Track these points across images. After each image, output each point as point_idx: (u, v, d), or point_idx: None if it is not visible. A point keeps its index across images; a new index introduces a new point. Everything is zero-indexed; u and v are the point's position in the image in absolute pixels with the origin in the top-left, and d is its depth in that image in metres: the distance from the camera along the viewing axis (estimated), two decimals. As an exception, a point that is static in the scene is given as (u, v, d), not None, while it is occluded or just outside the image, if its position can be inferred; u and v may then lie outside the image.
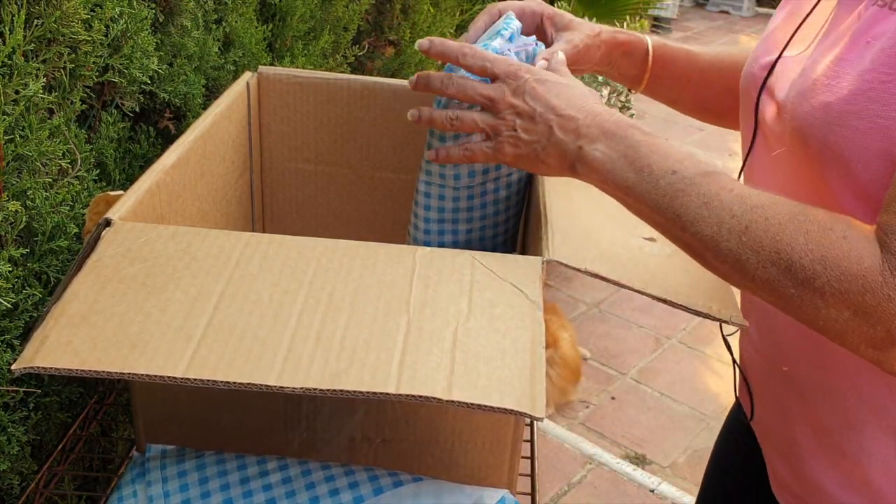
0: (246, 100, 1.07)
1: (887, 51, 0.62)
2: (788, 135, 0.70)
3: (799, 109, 0.68)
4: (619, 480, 2.29)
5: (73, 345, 0.61)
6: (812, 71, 0.68)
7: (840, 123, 0.64)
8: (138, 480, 0.76)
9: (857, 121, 0.63)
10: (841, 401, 0.75)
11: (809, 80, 0.67)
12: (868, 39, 0.64)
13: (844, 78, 0.64)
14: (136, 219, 0.74)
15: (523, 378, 0.61)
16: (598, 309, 3.00)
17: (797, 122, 0.68)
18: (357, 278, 0.68)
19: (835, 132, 0.64)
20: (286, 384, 0.59)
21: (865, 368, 0.71)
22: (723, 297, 0.74)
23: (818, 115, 0.65)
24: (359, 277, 0.68)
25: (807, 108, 0.67)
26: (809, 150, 0.67)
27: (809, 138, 0.66)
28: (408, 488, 0.74)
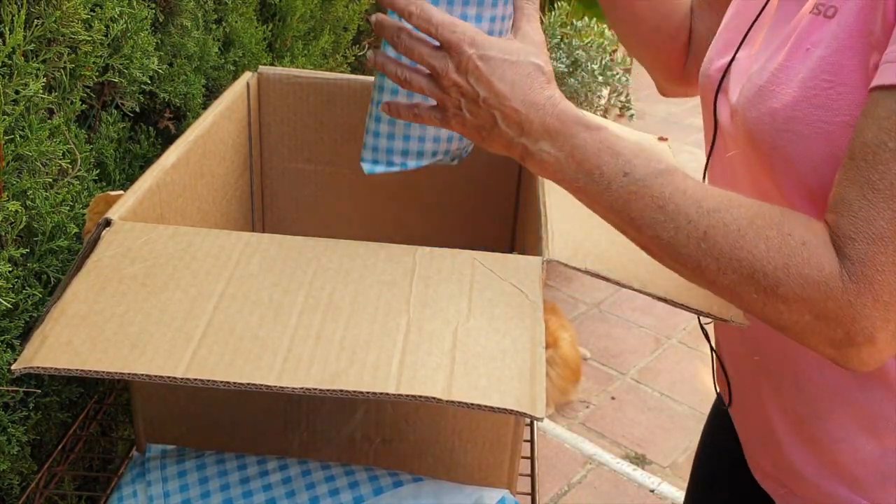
0: (246, 100, 1.07)
1: (826, 58, 0.63)
2: (741, 138, 0.71)
3: (748, 114, 0.69)
4: (619, 480, 2.28)
5: (73, 345, 0.61)
6: (758, 77, 0.69)
7: (787, 129, 0.65)
8: (138, 480, 0.76)
9: (802, 126, 0.64)
10: (810, 391, 0.77)
11: (756, 86, 0.69)
12: (807, 47, 0.65)
13: (788, 84, 0.66)
14: (136, 219, 0.74)
15: (523, 378, 0.61)
16: (598, 309, 3.00)
17: (747, 126, 0.69)
18: (357, 278, 0.68)
19: (782, 137, 0.66)
20: (286, 384, 0.59)
21: (827, 368, 0.73)
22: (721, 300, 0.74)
23: (766, 120, 0.67)
24: (359, 277, 0.68)
25: (755, 114, 0.68)
26: (760, 154, 0.68)
27: (759, 143, 0.68)
28: (408, 488, 0.74)
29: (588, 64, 3.08)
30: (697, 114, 4.87)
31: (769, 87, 0.67)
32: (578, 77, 3.09)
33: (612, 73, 3.14)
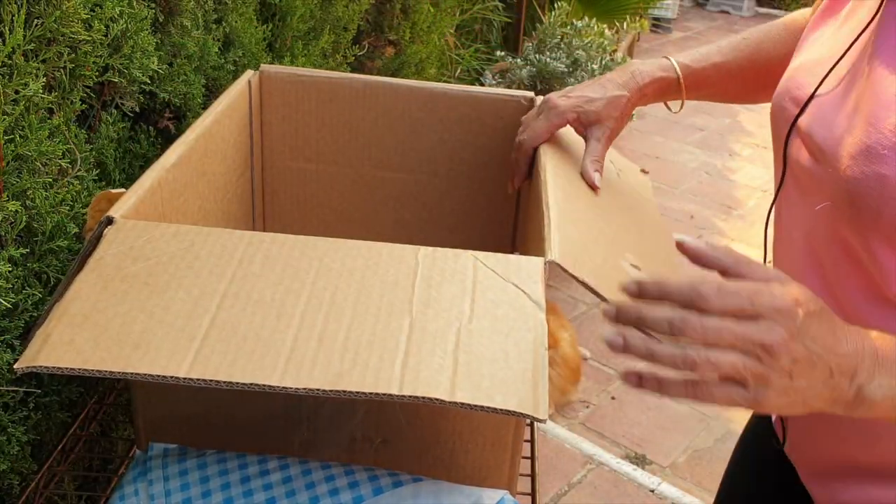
0: (247, 98, 1.07)
1: None
2: (832, 192, 0.67)
3: (850, 172, 0.64)
4: (619, 480, 2.28)
5: (76, 344, 0.60)
6: (864, 134, 0.64)
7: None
8: (140, 479, 0.76)
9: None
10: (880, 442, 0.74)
11: (862, 144, 0.64)
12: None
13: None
14: (137, 217, 0.74)
15: (526, 380, 0.61)
16: (598, 309, 3.00)
17: (847, 185, 0.65)
18: (360, 278, 0.68)
19: (890, 205, 0.62)
20: (289, 385, 0.59)
21: None
22: None
23: (873, 184, 0.63)
24: (361, 277, 0.68)
25: (859, 175, 0.64)
26: (858, 214, 0.64)
27: (861, 205, 0.64)
28: (407, 488, 0.74)
29: (588, 64, 3.08)
30: (697, 113, 4.87)
31: (878, 148, 0.63)
32: (578, 77, 3.09)
33: (612, 73, 3.14)
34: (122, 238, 0.70)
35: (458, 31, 3.33)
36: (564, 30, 3.17)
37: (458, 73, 3.27)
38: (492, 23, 3.61)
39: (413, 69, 2.01)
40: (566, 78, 3.08)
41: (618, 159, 1.07)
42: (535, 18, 4.05)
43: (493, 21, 3.60)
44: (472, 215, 1.17)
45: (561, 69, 3.01)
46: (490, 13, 3.53)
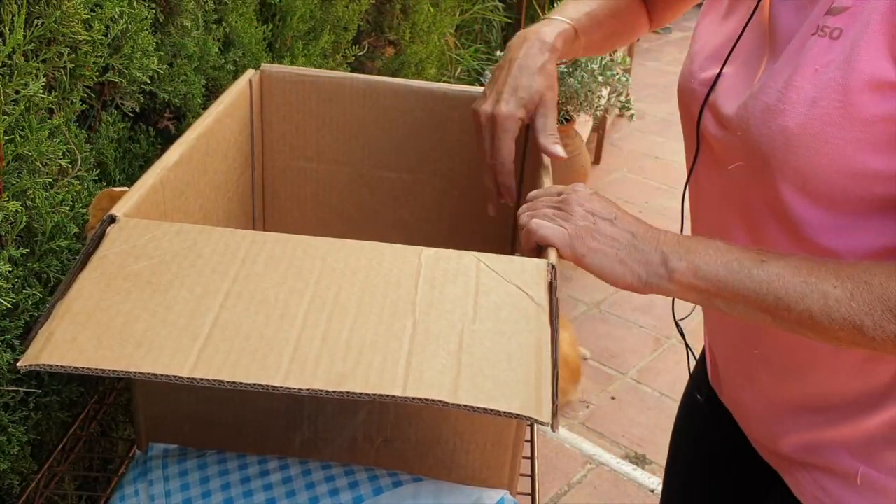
0: (248, 97, 1.07)
1: (837, 80, 0.68)
2: (743, 152, 0.75)
3: (756, 131, 0.73)
4: (619, 480, 2.28)
5: (79, 342, 0.60)
6: (765, 95, 0.73)
7: (799, 144, 0.70)
8: (140, 479, 0.76)
9: (815, 142, 0.69)
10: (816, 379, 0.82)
11: (764, 104, 0.72)
12: (816, 67, 0.69)
13: (799, 104, 0.70)
14: (139, 215, 0.74)
15: (529, 382, 0.61)
16: (598, 309, 3.00)
17: (755, 142, 0.73)
18: (363, 278, 0.68)
19: (795, 153, 0.70)
20: (292, 385, 0.58)
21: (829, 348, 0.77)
22: None
23: (777, 137, 0.71)
24: (365, 278, 0.68)
25: (764, 131, 0.72)
26: (768, 168, 0.73)
27: (769, 157, 0.72)
28: (407, 488, 0.74)
29: (588, 64, 3.09)
30: (697, 114, 4.87)
31: (779, 105, 0.71)
32: (578, 77, 3.09)
33: (612, 73, 3.14)
34: (125, 236, 0.70)
35: (458, 31, 3.33)
36: (564, 29, 3.16)
37: (458, 73, 3.27)
38: (492, 23, 3.61)
39: (413, 69, 2.01)
40: (566, 78, 3.08)
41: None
42: (535, 18, 4.04)
43: (493, 21, 3.60)
44: (472, 215, 1.17)
45: (561, 69, 3.01)
46: (490, 13, 3.53)
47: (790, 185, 0.72)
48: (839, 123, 0.68)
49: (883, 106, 0.66)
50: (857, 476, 0.81)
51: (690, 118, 0.85)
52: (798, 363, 0.82)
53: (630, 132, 4.56)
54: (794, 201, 0.73)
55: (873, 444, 0.80)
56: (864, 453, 0.81)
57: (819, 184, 0.70)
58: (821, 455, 0.84)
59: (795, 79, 0.70)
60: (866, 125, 0.67)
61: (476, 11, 3.43)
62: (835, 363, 0.79)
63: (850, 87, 0.67)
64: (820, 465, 0.84)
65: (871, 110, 0.66)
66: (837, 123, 0.68)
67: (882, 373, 0.77)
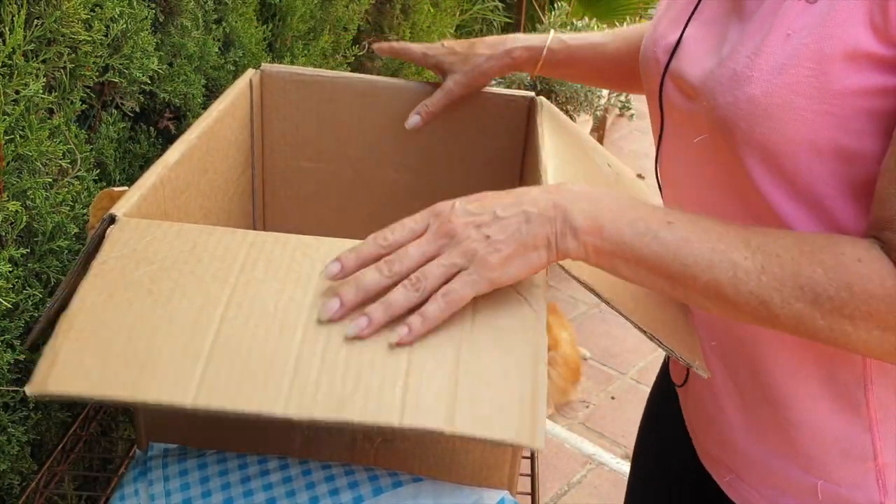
0: (248, 97, 1.07)
1: (809, 46, 0.63)
2: (708, 123, 0.70)
3: (721, 99, 0.68)
4: (619, 480, 2.29)
5: (85, 366, 0.60)
6: (732, 60, 0.68)
7: (766, 115, 0.65)
8: (140, 479, 0.76)
9: (782, 112, 0.64)
10: (768, 377, 0.77)
11: (730, 70, 0.67)
12: (788, 32, 0.64)
13: (767, 70, 0.65)
14: (140, 215, 0.74)
15: (525, 402, 0.61)
16: (598, 309, 3.00)
17: (719, 111, 0.68)
18: None
19: (761, 124, 0.65)
20: (292, 414, 0.59)
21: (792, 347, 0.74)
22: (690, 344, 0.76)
23: (743, 106, 0.66)
24: None
25: (730, 99, 0.67)
26: (733, 140, 0.68)
27: (734, 128, 0.67)
28: (407, 489, 0.74)
29: (588, 64, 3.08)
30: (697, 114, 4.87)
31: (746, 72, 0.66)
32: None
33: (612, 73, 3.14)
34: (125, 239, 0.70)
35: (458, 31, 3.33)
36: (564, 30, 3.17)
37: (458, 73, 3.26)
38: (492, 23, 3.61)
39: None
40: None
41: (615, 163, 1.08)
42: (535, 18, 4.05)
43: (493, 21, 3.60)
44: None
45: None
46: (490, 13, 3.53)
47: (756, 159, 0.67)
48: (809, 94, 0.63)
49: (857, 78, 0.62)
50: (816, 492, 0.77)
51: (653, 90, 0.80)
52: (752, 367, 0.78)
53: (630, 132, 4.56)
54: (760, 177, 0.68)
55: (832, 457, 0.76)
56: (822, 468, 0.76)
57: (784, 159, 0.66)
58: (774, 473, 0.79)
59: (767, 44, 0.65)
60: (838, 98, 0.63)
61: (476, 11, 3.43)
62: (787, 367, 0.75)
63: (823, 55, 0.62)
64: (774, 484, 0.80)
65: (844, 82, 0.62)
66: (807, 94, 0.63)
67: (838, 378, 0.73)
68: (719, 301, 0.64)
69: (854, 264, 0.61)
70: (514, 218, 0.64)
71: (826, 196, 0.67)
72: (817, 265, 0.62)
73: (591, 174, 0.98)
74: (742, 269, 0.63)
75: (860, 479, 0.75)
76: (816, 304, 0.62)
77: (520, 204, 0.65)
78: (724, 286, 0.63)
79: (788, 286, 0.62)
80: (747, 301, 0.63)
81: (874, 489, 0.75)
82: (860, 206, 0.67)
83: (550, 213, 0.64)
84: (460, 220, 0.65)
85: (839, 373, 0.74)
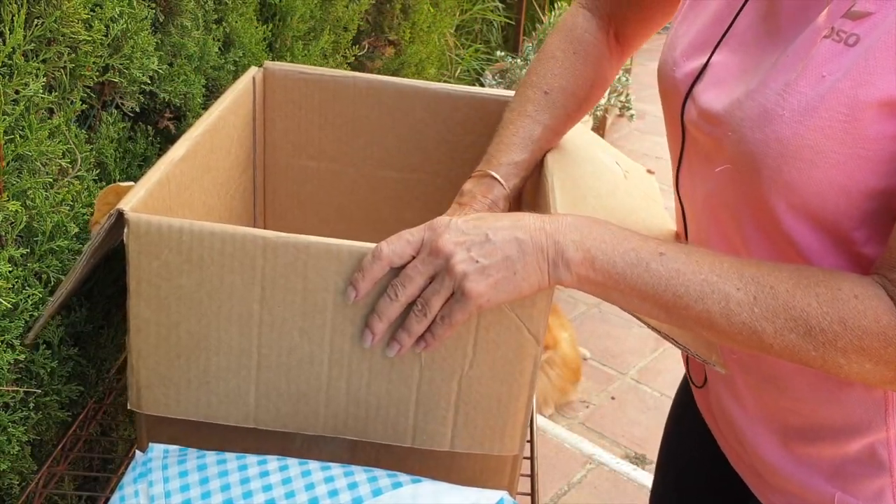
0: (251, 95, 1.07)
1: (845, 91, 0.62)
2: (733, 154, 0.69)
3: (750, 135, 0.67)
4: (619, 480, 2.29)
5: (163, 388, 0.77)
6: (762, 96, 0.66)
7: (795, 156, 0.64)
8: (140, 480, 0.76)
9: (812, 155, 0.63)
10: (791, 391, 0.77)
11: (761, 106, 0.66)
12: (823, 74, 0.63)
13: (799, 111, 0.64)
14: (146, 210, 0.74)
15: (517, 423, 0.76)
16: (598, 309, 3.00)
17: (746, 146, 0.67)
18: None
19: (789, 164, 0.65)
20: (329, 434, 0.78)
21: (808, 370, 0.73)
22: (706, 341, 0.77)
23: (772, 145, 0.65)
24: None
25: (759, 136, 0.66)
26: (758, 176, 0.67)
27: (761, 166, 0.66)
28: (406, 489, 0.74)
29: (588, 64, 3.08)
30: (697, 114, 4.86)
31: (777, 110, 0.65)
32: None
33: (612, 73, 3.14)
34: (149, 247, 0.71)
35: (458, 31, 3.33)
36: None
37: (458, 73, 3.27)
38: (492, 23, 3.61)
39: (413, 69, 2.01)
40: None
41: (624, 160, 1.07)
42: (535, 18, 4.05)
43: (493, 21, 3.60)
44: (473, 215, 1.17)
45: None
46: (490, 13, 3.53)
47: (780, 195, 0.66)
48: (841, 139, 0.62)
49: (890, 124, 0.60)
50: (833, 502, 0.77)
51: (672, 111, 0.79)
52: (773, 373, 0.78)
53: (630, 132, 4.56)
54: (783, 212, 0.67)
55: (851, 469, 0.76)
56: (841, 479, 0.76)
57: (810, 197, 0.65)
58: (794, 479, 0.80)
59: (799, 83, 0.64)
60: (870, 143, 0.61)
61: (476, 11, 3.43)
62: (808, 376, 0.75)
63: (858, 101, 0.61)
64: (793, 491, 0.81)
65: (878, 128, 0.61)
66: (839, 138, 0.62)
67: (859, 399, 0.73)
68: (713, 330, 0.65)
69: (850, 300, 0.61)
70: (505, 243, 0.66)
71: (851, 233, 0.66)
72: (812, 298, 0.62)
73: (598, 173, 0.97)
74: (734, 301, 0.63)
75: (877, 493, 0.75)
76: (809, 336, 0.62)
77: (513, 229, 0.66)
78: (716, 316, 0.64)
79: (781, 318, 0.62)
80: (739, 331, 0.64)
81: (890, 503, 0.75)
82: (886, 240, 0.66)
83: (543, 242, 0.66)
84: (452, 238, 0.66)
85: (859, 395, 0.73)
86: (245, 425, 0.77)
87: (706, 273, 0.64)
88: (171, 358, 0.75)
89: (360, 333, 0.73)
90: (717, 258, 0.65)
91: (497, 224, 0.67)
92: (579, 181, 0.90)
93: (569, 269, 0.66)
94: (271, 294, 0.72)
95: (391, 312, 0.70)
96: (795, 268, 0.65)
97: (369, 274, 0.69)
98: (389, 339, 0.71)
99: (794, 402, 0.78)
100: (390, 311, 0.70)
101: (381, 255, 0.68)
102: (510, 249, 0.65)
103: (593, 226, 0.67)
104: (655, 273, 0.64)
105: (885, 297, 0.61)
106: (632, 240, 0.66)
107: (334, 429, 0.77)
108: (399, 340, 0.71)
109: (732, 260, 0.65)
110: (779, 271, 0.64)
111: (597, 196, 0.89)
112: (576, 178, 0.90)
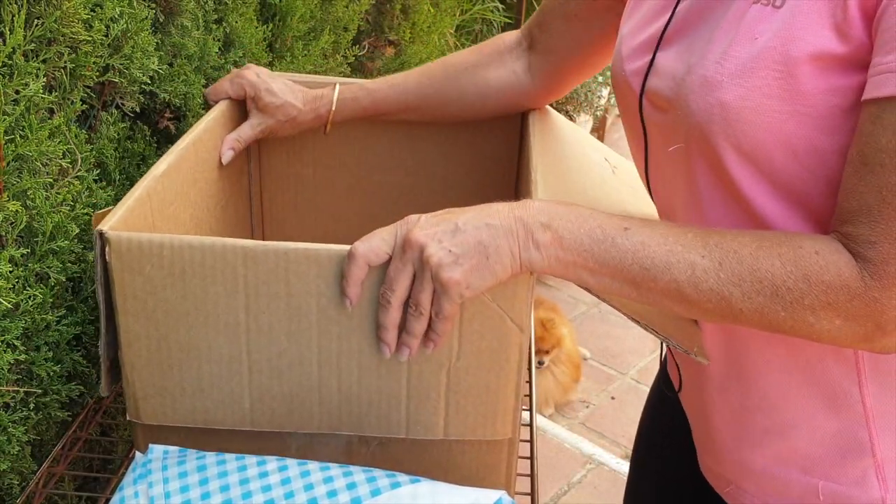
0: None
1: (777, 49, 0.64)
2: (684, 130, 0.71)
3: (694, 105, 0.69)
4: (619, 480, 2.29)
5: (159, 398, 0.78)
6: (701, 67, 0.69)
7: (738, 119, 0.66)
8: (140, 481, 0.76)
9: (754, 116, 0.65)
10: (757, 385, 0.78)
11: (700, 77, 0.68)
12: (755, 36, 0.65)
13: (736, 74, 0.66)
14: (126, 228, 0.74)
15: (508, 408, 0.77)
16: (598, 309, 3.01)
17: (693, 118, 0.69)
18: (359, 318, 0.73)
19: (734, 127, 0.67)
20: (325, 431, 0.79)
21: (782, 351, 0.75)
22: (689, 331, 0.79)
23: (715, 111, 0.67)
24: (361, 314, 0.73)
25: (702, 105, 0.68)
26: (708, 145, 0.69)
27: (709, 134, 0.68)
28: (405, 489, 0.74)
29: (588, 64, 3.08)
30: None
31: (716, 77, 0.67)
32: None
33: (613, 73, 3.14)
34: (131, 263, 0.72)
35: (458, 31, 3.33)
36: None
37: (459, 73, 3.26)
38: (492, 23, 3.61)
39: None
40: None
41: (614, 157, 1.07)
42: (535, 18, 4.03)
43: (493, 21, 3.60)
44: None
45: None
46: (490, 13, 3.53)
47: (734, 162, 0.68)
48: (779, 96, 0.64)
49: (825, 78, 0.63)
50: (817, 493, 0.77)
51: (630, 112, 0.80)
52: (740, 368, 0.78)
53: (630, 132, 4.56)
54: (741, 180, 0.69)
55: (830, 456, 0.76)
56: (822, 468, 0.76)
57: (761, 160, 0.67)
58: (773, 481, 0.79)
59: (734, 48, 0.66)
60: (807, 98, 0.63)
61: (476, 11, 3.43)
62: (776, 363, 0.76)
63: (790, 58, 0.63)
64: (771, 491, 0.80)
65: (814, 83, 0.63)
66: (778, 96, 0.64)
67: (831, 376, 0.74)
68: (682, 301, 0.66)
69: (811, 256, 0.63)
70: (476, 230, 0.67)
71: (807, 194, 0.68)
72: (776, 258, 0.63)
73: (584, 169, 0.98)
74: (700, 268, 0.64)
75: (860, 476, 0.76)
76: (777, 297, 0.63)
77: (483, 216, 0.67)
78: (684, 285, 0.65)
79: (748, 280, 0.63)
80: (708, 298, 0.65)
81: (875, 485, 0.75)
82: None
83: (513, 226, 0.67)
84: (423, 230, 0.67)
85: (831, 370, 0.74)
86: (242, 428, 0.78)
87: (671, 244, 0.65)
88: (164, 369, 0.76)
89: (345, 332, 0.73)
90: (681, 229, 0.66)
91: (467, 213, 0.68)
92: (564, 176, 0.90)
93: (539, 250, 0.67)
94: (255, 301, 0.72)
95: (392, 318, 0.71)
96: (759, 232, 0.66)
97: (352, 277, 0.70)
98: (398, 345, 0.72)
99: (761, 401, 0.78)
100: (390, 318, 0.71)
101: (357, 254, 0.69)
102: (481, 235, 0.67)
103: (559, 207, 0.68)
104: (621, 247, 0.65)
105: (844, 251, 0.63)
106: (597, 217, 0.67)
107: (330, 425, 0.78)
108: (407, 344, 0.72)
109: (697, 230, 0.66)
110: (742, 236, 0.65)
111: (581, 191, 0.89)
112: (560, 174, 0.90)
